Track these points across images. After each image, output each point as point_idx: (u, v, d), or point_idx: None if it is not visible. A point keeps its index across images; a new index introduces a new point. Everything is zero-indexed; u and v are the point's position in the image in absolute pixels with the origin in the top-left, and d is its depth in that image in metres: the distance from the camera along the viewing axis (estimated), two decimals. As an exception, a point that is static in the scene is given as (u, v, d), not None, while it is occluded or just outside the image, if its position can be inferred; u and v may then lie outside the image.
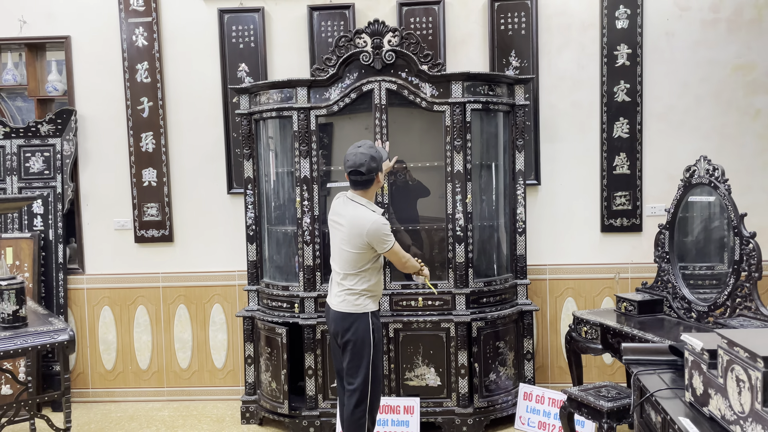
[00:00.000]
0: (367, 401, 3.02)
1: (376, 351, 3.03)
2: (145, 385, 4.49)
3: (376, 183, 3.05)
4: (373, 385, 3.03)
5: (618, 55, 4.14)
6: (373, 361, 3.01)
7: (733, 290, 3.00)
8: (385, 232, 2.97)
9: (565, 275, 4.26)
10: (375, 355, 3.02)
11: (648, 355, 2.08)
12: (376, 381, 3.05)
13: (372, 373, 3.01)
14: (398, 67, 3.66)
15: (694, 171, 3.27)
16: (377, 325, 3.05)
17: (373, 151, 2.99)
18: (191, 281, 4.42)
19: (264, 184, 4.01)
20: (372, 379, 3.02)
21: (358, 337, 2.99)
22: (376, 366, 3.04)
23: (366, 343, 2.99)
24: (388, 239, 2.99)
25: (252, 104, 3.90)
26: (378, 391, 3.10)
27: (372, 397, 3.04)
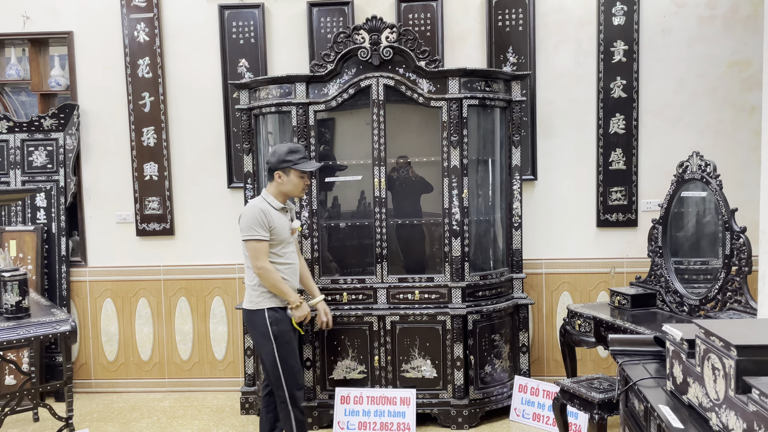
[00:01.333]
0: (285, 392, 3.04)
1: (281, 345, 3.02)
2: (147, 376, 4.56)
3: (277, 182, 3.08)
4: (286, 378, 3.03)
5: (614, 52, 4.18)
6: (280, 356, 3.01)
7: (724, 284, 3.04)
8: (249, 218, 2.98)
9: (561, 269, 4.31)
10: (281, 349, 3.02)
11: (634, 346, 2.13)
12: (289, 374, 3.04)
13: (282, 367, 3.02)
14: (396, 63, 3.71)
15: (687, 167, 3.31)
16: (276, 319, 3.03)
17: (276, 148, 3.11)
18: (192, 274, 4.48)
19: (264, 178, 4.06)
20: (284, 372, 3.02)
21: (256, 333, 3.07)
22: (284, 359, 3.02)
23: (266, 338, 3.02)
24: (248, 227, 2.97)
25: (252, 99, 3.95)
26: (294, 382, 3.06)
27: (290, 389, 3.04)
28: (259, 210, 3.01)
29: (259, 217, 2.99)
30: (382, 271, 3.77)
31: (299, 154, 3.10)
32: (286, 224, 3.11)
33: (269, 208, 3.06)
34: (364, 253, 3.94)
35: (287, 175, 3.08)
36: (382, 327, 3.74)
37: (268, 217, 3.01)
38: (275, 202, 3.09)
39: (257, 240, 2.99)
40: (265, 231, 3.00)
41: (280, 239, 3.07)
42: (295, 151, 3.09)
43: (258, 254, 2.99)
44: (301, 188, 3.14)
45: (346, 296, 3.78)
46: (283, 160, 3.06)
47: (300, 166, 3.08)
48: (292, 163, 3.07)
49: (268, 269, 3.00)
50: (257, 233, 2.98)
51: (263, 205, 3.06)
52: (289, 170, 3.08)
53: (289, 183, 3.09)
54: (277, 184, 3.10)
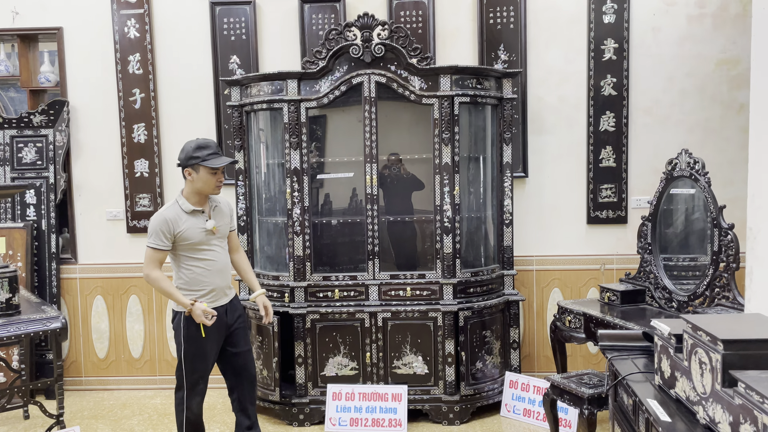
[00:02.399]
0: (183, 392, 3.02)
1: (189, 347, 2.98)
2: (138, 374, 4.55)
3: (188, 179, 2.98)
4: (187, 378, 3.00)
5: (605, 50, 4.20)
6: (185, 358, 2.98)
7: (712, 280, 3.07)
8: (152, 225, 2.93)
9: (552, 266, 4.33)
10: (187, 351, 2.98)
11: (623, 342, 2.15)
12: (191, 378, 3.00)
13: (185, 367, 2.99)
14: (388, 60, 3.71)
15: (676, 164, 3.34)
16: (189, 321, 2.95)
17: (185, 145, 3.00)
18: (183, 271, 4.46)
19: (255, 175, 4.06)
20: (186, 372, 2.99)
21: (175, 333, 3.04)
22: (190, 362, 2.99)
23: (178, 338, 3.01)
24: (149, 233, 2.94)
25: (243, 96, 3.94)
26: (196, 388, 3.03)
27: (188, 391, 3.02)
28: (163, 219, 2.93)
29: (161, 227, 2.92)
30: (374, 268, 3.78)
31: (208, 150, 2.96)
32: (198, 226, 2.98)
33: (177, 214, 2.95)
34: (356, 250, 3.96)
35: (197, 172, 2.95)
36: (374, 323, 3.75)
37: (172, 226, 2.92)
38: (186, 205, 2.97)
39: (152, 248, 2.94)
40: (165, 240, 2.92)
41: (193, 242, 2.97)
42: (203, 146, 2.96)
43: (148, 262, 2.95)
44: (213, 185, 2.99)
45: (337, 293, 3.79)
46: (191, 156, 2.94)
47: (209, 162, 2.94)
48: (201, 159, 2.93)
49: (154, 278, 2.95)
50: (154, 242, 2.93)
51: (170, 212, 2.95)
52: (198, 167, 2.94)
53: (199, 180, 2.96)
54: (189, 182, 2.99)
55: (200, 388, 3.06)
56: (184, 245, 2.96)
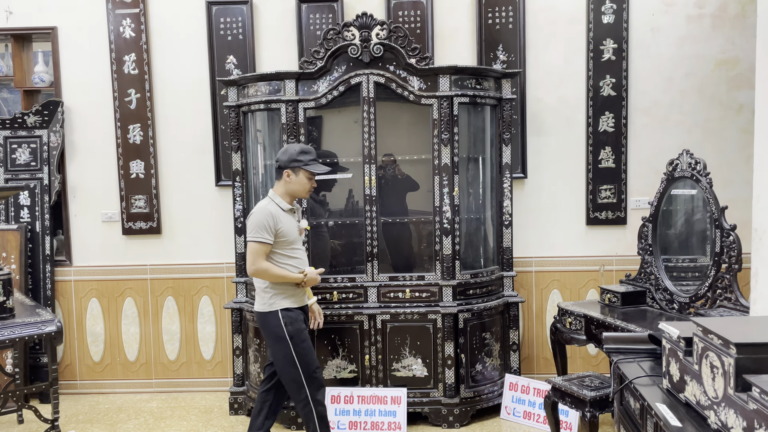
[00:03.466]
0: (306, 390, 3.04)
1: (297, 344, 3.02)
2: (133, 377, 4.50)
3: (285, 180, 3.09)
4: (305, 374, 3.02)
5: (604, 50, 4.18)
6: (297, 355, 3.01)
7: (714, 281, 3.05)
8: (256, 220, 2.98)
9: (551, 267, 4.31)
10: (297, 349, 3.02)
11: (628, 344, 2.13)
12: (307, 369, 3.03)
13: (301, 365, 3.02)
14: (386, 61, 3.68)
15: (677, 165, 3.32)
16: (291, 318, 3.04)
17: (288, 147, 3.14)
18: (179, 273, 4.43)
19: (252, 176, 4.02)
20: (302, 368, 3.02)
21: (270, 335, 3.07)
22: (302, 357, 3.02)
23: (281, 339, 3.02)
24: (254, 229, 2.98)
25: (240, 96, 3.90)
26: (314, 381, 3.06)
27: (309, 386, 3.03)
28: (268, 213, 3.01)
29: (267, 220, 2.98)
30: (373, 270, 3.75)
31: (310, 156, 3.11)
32: (294, 225, 3.11)
33: (278, 211, 3.06)
34: (354, 251, 3.92)
35: (296, 174, 3.08)
36: (373, 326, 3.71)
37: (275, 220, 3.01)
38: (283, 203, 3.09)
39: (259, 242, 2.98)
40: (270, 234, 2.99)
41: (290, 240, 3.07)
42: (306, 152, 3.10)
43: (255, 257, 2.98)
44: (308, 189, 3.14)
45: (336, 295, 3.76)
46: (295, 159, 3.07)
47: (310, 167, 3.08)
48: (303, 164, 3.07)
49: (265, 268, 3.00)
50: (261, 236, 2.98)
51: (272, 207, 3.06)
52: (299, 170, 3.08)
53: (297, 183, 3.09)
54: (285, 183, 3.10)
55: (320, 378, 3.11)
56: (281, 242, 3.03)
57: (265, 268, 3.00)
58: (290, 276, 3.05)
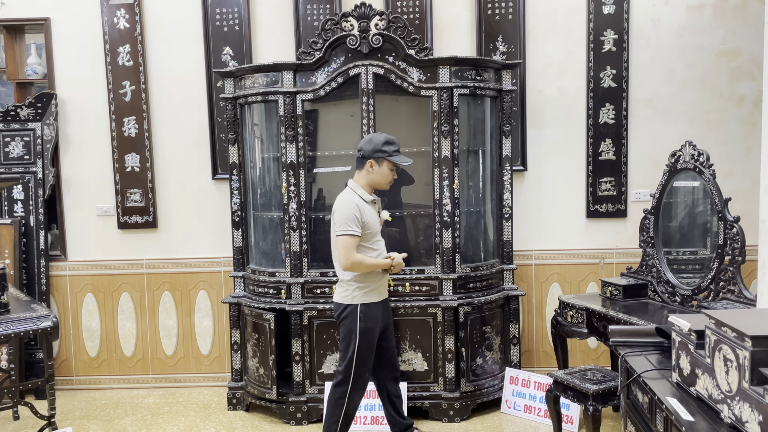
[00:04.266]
0: (348, 387, 3.04)
1: (363, 343, 3.02)
2: (130, 372, 4.46)
3: (368, 170, 3.07)
4: (356, 372, 3.03)
5: (604, 41, 4.14)
6: (359, 353, 3.01)
7: (717, 274, 3.03)
8: (345, 213, 2.96)
9: (551, 260, 4.28)
10: (362, 347, 3.02)
11: (635, 337, 2.10)
12: (359, 371, 3.04)
13: (357, 360, 3.02)
14: (385, 51, 3.63)
15: (680, 156, 3.29)
16: (367, 315, 3.03)
17: (372, 137, 3.10)
18: (176, 268, 4.38)
19: (249, 169, 3.97)
20: (356, 366, 3.03)
21: (344, 327, 3.06)
22: (362, 357, 3.03)
23: (352, 333, 3.02)
24: (343, 222, 2.95)
25: (237, 88, 3.85)
26: (361, 381, 3.06)
27: (353, 385, 3.04)
28: (354, 205, 2.99)
29: (354, 212, 2.97)
30: (372, 263, 3.70)
31: (394, 146, 3.08)
32: (376, 216, 3.11)
33: (362, 202, 3.04)
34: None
35: (379, 165, 3.06)
36: (373, 320, 3.67)
37: (361, 212, 2.99)
38: (366, 195, 3.07)
39: (350, 235, 2.95)
40: (358, 227, 2.98)
41: (373, 232, 3.06)
42: (391, 142, 3.07)
43: (349, 250, 2.95)
44: (389, 180, 3.11)
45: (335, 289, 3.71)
46: (379, 149, 3.04)
47: (394, 158, 3.06)
48: (387, 155, 3.04)
49: (359, 260, 2.97)
50: (351, 229, 2.96)
51: (356, 199, 3.03)
52: (383, 161, 3.05)
53: (380, 174, 3.07)
54: (367, 173, 3.08)
55: (365, 382, 3.11)
56: (366, 234, 3.02)
57: (359, 260, 2.97)
58: (379, 263, 3.04)
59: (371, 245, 3.07)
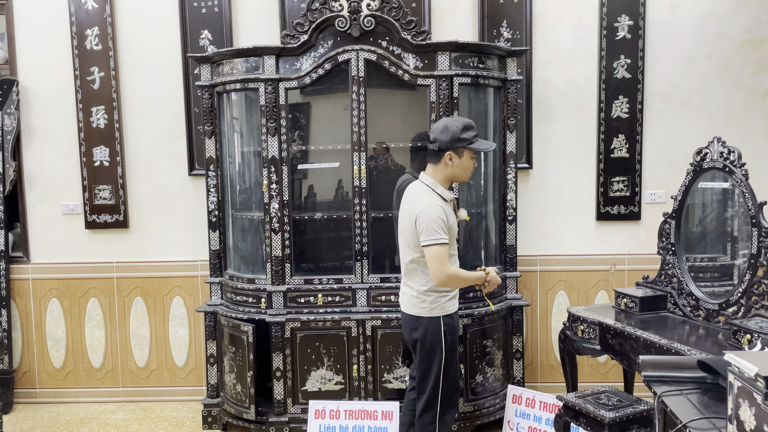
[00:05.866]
0: (437, 410, 2.72)
1: (450, 357, 2.70)
2: (99, 385, 4.09)
3: (446, 164, 2.64)
4: (443, 393, 2.71)
5: (618, 27, 3.79)
6: (445, 368, 2.68)
7: (749, 287, 2.69)
8: (432, 219, 2.55)
9: (557, 267, 3.94)
10: (448, 361, 2.69)
11: (671, 371, 1.75)
12: (447, 390, 2.73)
13: (444, 381, 2.70)
14: (378, 35, 3.27)
15: (706, 154, 2.94)
16: (451, 327, 2.69)
17: (447, 123, 2.64)
18: (149, 271, 4.01)
19: (228, 164, 3.61)
20: (443, 386, 2.70)
21: (426, 339, 2.68)
22: (448, 372, 2.70)
23: (437, 348, 2.66)
24: (431, 230, 2.54)
25: (214, 75, 3.49)
26: (450, 400, 2.76)
27: (443, 407, 2.73)
28: (440, 208, 2.58)
29: (441, 216, 2.57)
30: (362, 270, 3.35)
31: (473, 131, 2.65)
32: (454, 217, 2.71)
33: (444, 203, 2.64)
34: (342, 249, 3.53)
35: (459, 156, 2.63)
36: (362, 332, 3.33)
37: (446, 214, 2.60)
38: (446, 193, 2.67)
39: (441, 245, 2.55)
40: (446, 232, 2.58)
41: (453, 234, 2.69)
42: (470, 127, 2.64)
43: (442, 261, 2.55)
44: (470, 171, 2.71)
45: (321, 298, 3.36)
46: (459, 138, 2.60)
47: (476, 145, 2.63)
48: (467, 142, 2.62)
49: (454, 273, 2.60)
50: (441, 237, 2.55)
51: (439, 200, 2.63)
52: (463, 150, 2.63)
53: (461, 166, 2.65)
54: (445, 167, 2.64)
55: (456, 400, 2.82)
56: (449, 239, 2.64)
57: (454, 273, 2.60)
58: (473, 276, 2.69)
59: (450, 250, 2.66)
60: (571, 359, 3.30)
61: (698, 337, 2.76)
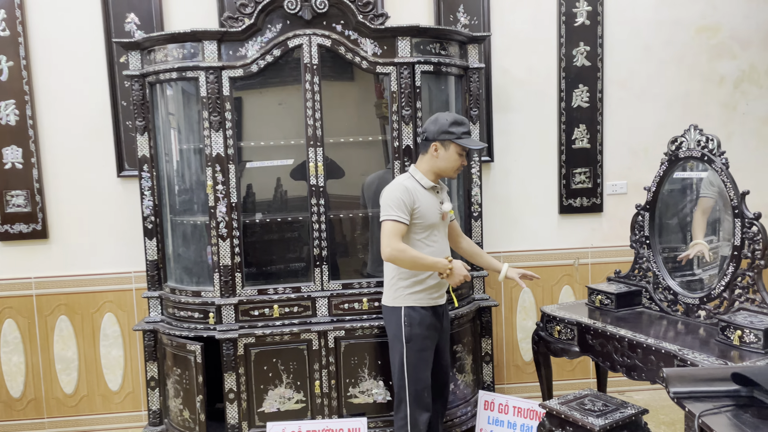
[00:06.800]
0: (407, 410, 2.67)
1: (413, 351, 2.64)
2: (19, 417, 3.60)
3: (432, 155, 2.66)
4: (410, 389, 2.65)
5: (577, 14, 3.66)
6: (408, 362, 2.64)
7: (732, 279, 2.60)
8: (389, 196, 2.59)
9: (521, 263, 3.76)
10: (411, 355, 2.64)
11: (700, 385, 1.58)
12: (414, 388, 2.65)
13: (409, 376, 2.64)
14: (332, 18, 2.98)
15: (682, 143, 2.83)
16: (415, 319, 2.64)
17: (438, 116, 2.67)
18: (74, 287, 3.56)
19: (165, 164, 3.21)
20: (409, 381, 2.65)
21: (390, 334, 2.72)
22: (413, 367, 2.64)
23: (397, 340, 2.66)
24: (386, 206, 2.58)
25: (145, 63, 3.08)
26: (421, 400, 2.66)
27: (413, 406, 2.66)
28: (404, 188, 2.60)
29: (402, 196, 2.57)
30: (322, 277, 3.06)
31: (464, 128, 2.66)
32: (434, 206, 2.67)
33: (417, 187, 2.64)
34: (299, 255, 3.22)
35: (446, 149, 2.65)
36: (324, 345, 3.04)
37: (412, 197, 2.59)
38: (424, 180, 2.67)
39: (393, 221, 2.55)
40: (405, 213, 2.57)
41: (427, 223, 2.64)
42: (460, 123, 2.65)
43: (390, 237, 2.54)
44: (457, 167, 2.69)
45: (277, 310, 3.05)
46: (446, 131, 2.63)
47: (463, 141, 2.64)
48: (455, 137, 2.63)
49: (402, 248, 2.54)
50: (396, 214, 2.56)
51: (410, 183, 2.64)
52: (450, 144, 2.63)
53: (446, 159, 2.65)
54: (431, 158, 2.67)
55: (426, 402, 2.70)
56: (416, 224, 2.63)
57: (401, 248, 2.53)
58: (430, 261, 2.57)
59: (425, 240, 2.65)
60: (546, 361, 3.14)
61: (680, 333, 2.65)
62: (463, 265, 2.63)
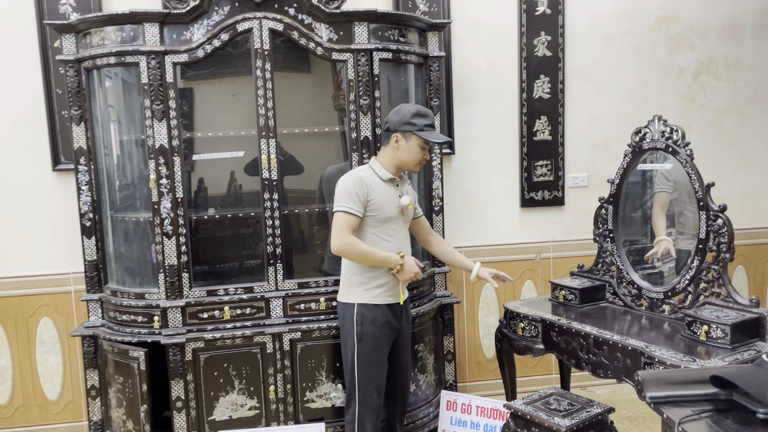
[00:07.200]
0: (355, 408, 2.59)
1: (364, 350, 2.55)
2: (-53, 433, 3.32)
3: (393, 146, 2.56)
4: (360, 388, 2.57)
5: (538, 2, 3.57)
6: (359, 362, 2.56)
7: (697, 273, 2.55)
8: (342, 186, 2.51)
9: (483, 258, 3.68)
10: (362, 354, 2.56)
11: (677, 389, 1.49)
12: (365, 388, 2.57)
13: (359, 376, 2.56)
14: (285, 1, 2.80)
15: (646, 134, 2.77)
16: (367, 318, 2.55)
17: (401, 107, 2.58)
18: (7, 289, 3.29)
19: (104, 156, 2.98)
20: (360, 384, 2.57)
21: (342, 331, 2.63)
22: (363, 367, 2.56)
23: (349, 338, 2.58)
24: (338, 197, 2.50)
25: (81, 47, 2.84)
26: (370, 401, 2.58)
27: (361, 405, 2.58)
28: (358, 179, 2.51)
29: (356, 187, 2.49)
30: (276, 276, 2.89)
31: (427, 120, 2.56)
32: (392, 199, 2.57)
33: (374, 178, 2.55)
34: (251, 253, 3.04)
35: (407, 141, 2.55)
36: (279, 348, 2.87)
37: (367, 188, 2.50)
38: (383, 171, 2.58)
39: (345, 212, 2.47)
40: (358, 205, 2.48)
41: (383, 216, 2.55)
42: (423, 115, 2.56)
43: (339, 230, 2.45)
44: (418, 161, 2.59)
45: (228, 311, 2.86)
46: (408, 122, 2.54)
47: (425, 133, 2.54)
48: (417, 128, 2.54)
49: (351, 242, 2.46)
50: (347, 206, 2.47)
51: (366, 173, 2.55)
52: (411, 135, 2.54)
53: (406, 151, 2.56)
54: (392, 150, 2.58)
55: (375, 403, 2.61)
56: (371, 217, 2.53)
57: (350, 242, 2.46)
58: (380, 255, 2.49)
59: (381, 234, 2.55)
60: (509, 360, 3.05)
61: (645, 329, 2.58)
62: (416, 262, 2.55)
